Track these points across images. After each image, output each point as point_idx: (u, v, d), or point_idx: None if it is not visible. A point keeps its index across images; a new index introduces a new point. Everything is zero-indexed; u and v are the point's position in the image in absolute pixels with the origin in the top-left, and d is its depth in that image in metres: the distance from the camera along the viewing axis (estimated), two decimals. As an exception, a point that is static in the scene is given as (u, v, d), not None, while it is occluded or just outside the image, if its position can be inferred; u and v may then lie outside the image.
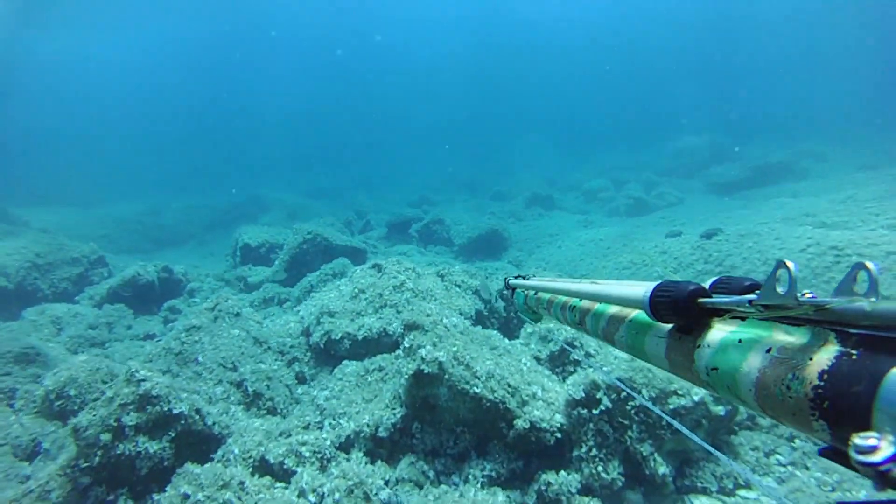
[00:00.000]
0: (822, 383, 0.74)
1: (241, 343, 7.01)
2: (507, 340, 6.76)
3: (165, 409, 4.91)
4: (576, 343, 6.33)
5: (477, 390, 4.98)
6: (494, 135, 63.04)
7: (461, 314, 7.54)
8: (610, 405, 4.97)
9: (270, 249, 14.91)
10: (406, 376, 5.27)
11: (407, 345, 5.51)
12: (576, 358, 6.28)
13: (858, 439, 0.63)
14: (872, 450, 0.61)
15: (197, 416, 5.15)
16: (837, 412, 0.71)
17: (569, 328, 3.70)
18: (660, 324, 1.20)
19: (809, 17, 56.27)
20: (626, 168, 30.53)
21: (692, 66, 69.67)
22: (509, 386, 5.14)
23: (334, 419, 5.61)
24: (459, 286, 8.08)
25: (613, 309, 1.48)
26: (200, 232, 29.03)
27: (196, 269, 18.08)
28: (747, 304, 0.94)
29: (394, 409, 5.42)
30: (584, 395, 5.05)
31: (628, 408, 4.95)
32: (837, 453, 0.73)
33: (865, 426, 0.66)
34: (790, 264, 0.84)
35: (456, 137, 65.83)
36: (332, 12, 78.04)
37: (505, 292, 2.96)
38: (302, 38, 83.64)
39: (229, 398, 6.06)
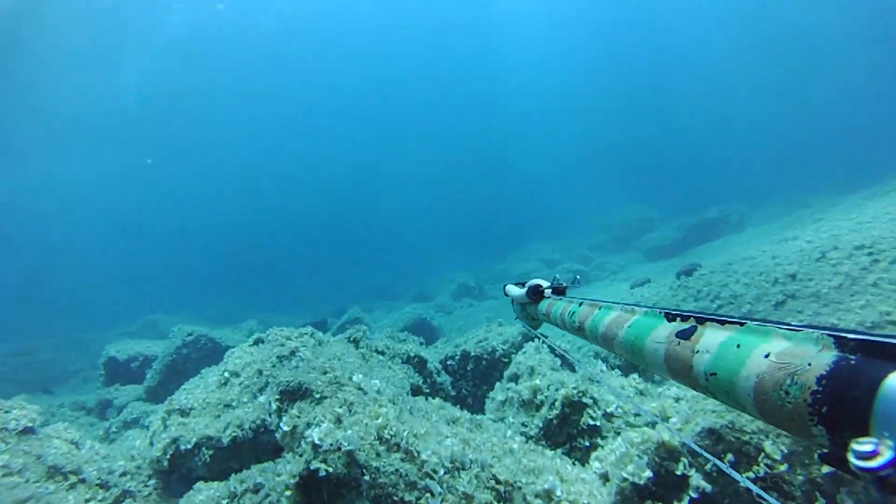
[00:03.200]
0: (820, 388, 0.74)
1: (7, 479, 3.96)
2: (467, 414, 4.16)
3: None
4: (585, 397, 3.82)
5: (434, 499, 2.33)
6: (407, 241, 61.74)
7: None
8: (709, 486, 2.44)
9: (145, 363, 11.60)
10: (286, 490, 2.55)
11: (286, 428, 2.83)
12: (591, 423, 3.73)
13: (857, 445, 0.63)
14: (871, 455, 0.61)
15: None
16: (836, 418, 0.71)
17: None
18: (658, 329, 1.23)
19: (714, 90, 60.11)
20: (553, 250, 29.23)
21: (602, 145, 72.47)
22: (497, 482, 2.51)
23: None
24: (383, 354, 5.43)
25: (612, 314, 1.51)
26: (86, 368, 24.61)
27: (61, 401, 14.43)
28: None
29: (266, 565, 2.61)
30: (652, 474, 2.50)
31: (752, 478, 2.43)
32: (837, 459, 0.73)
33: (864, 431, 0.66)
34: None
35: (365, 248, 64.17)
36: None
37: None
38: (193, 158, 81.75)
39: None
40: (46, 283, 57.12)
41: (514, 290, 2.74)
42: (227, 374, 5.04)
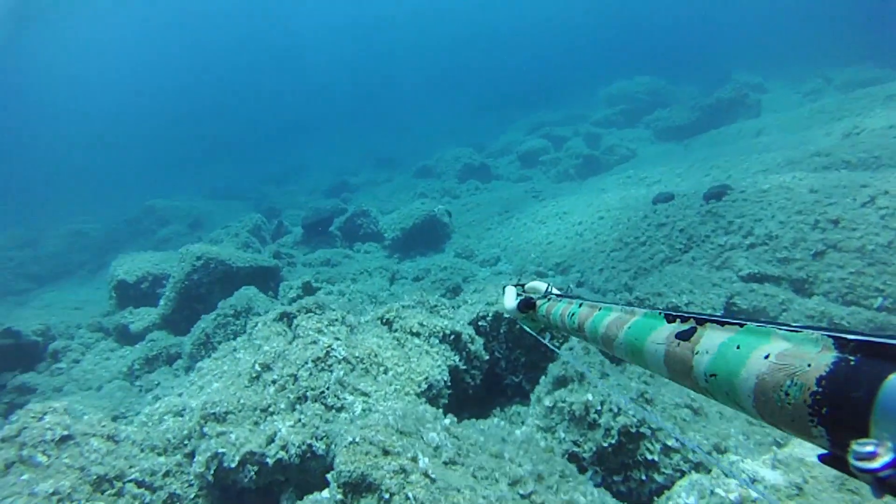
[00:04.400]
0: (820, 389, 0.74)
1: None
2: (517, 432, 4.07)
3: None
4: (644, 427, 3.71)
5: None
6: (408, 105, 59.88)
7: (429, 385, 4.75)
8: None
9: (155, 283, 11.51)
10: None
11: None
12: (649, 457, 3.65)
13: (857, 445, 0.64)
14: (871, 456, 0.62)
15: None
16: (836, 418, 0.72)
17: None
18: (658, 330, 1.24)
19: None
20: (558, 123, 28.14)
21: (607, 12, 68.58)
22: None
23: None
24: (418, 335, 5.24)
25: (612, 315, 1.51)
26: (92, 258, 24.76)
27: (76, 311, 14.60)
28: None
29: None
30: None
31: None
32: (837, 460, 0.74)
33: (864, 432, 0.66)
34: None
35: (366, 112, 62.31)
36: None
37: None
38: (185, 30, 76.72)
39: None
40: (34, 165, 55.81)
41: (509, 301, 2.69)
42: (258, 368, 4.88)
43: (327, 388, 4.37)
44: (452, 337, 5.40)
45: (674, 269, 7.47)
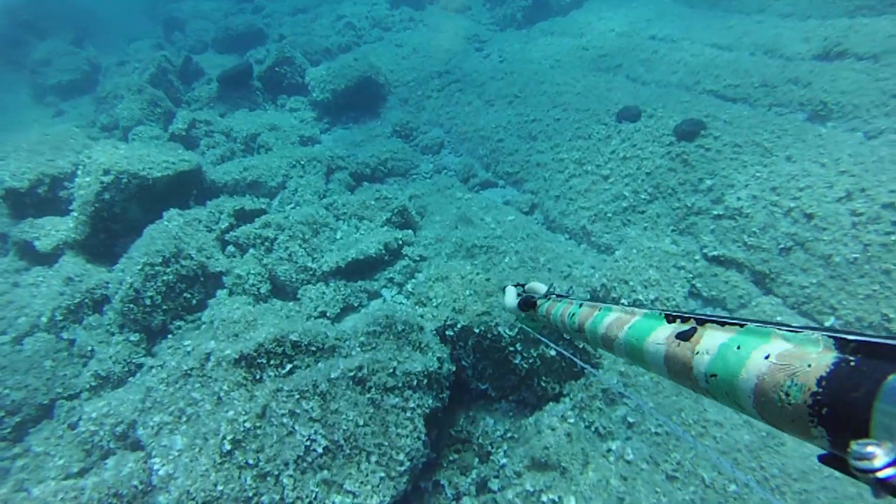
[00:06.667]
0: (820, 390, 0.75)
1: None
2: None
3: None
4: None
5: None
6: None
7: (411, 459, 4.66)
8: None
9: (55, 185, 9.97)
10: None
11: None
12: None
13: (856, 446, 0.64)
14: (870, 456, 0.62)
15: None
16: (836, 419, 0.72)
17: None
18: (658, 330, 1.22)
19: None
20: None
21: None
22: None
23: None
24: (393, 389, 4.97)
25: (612, 316, 1.50)
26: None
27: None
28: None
29: None
30: None
31: None
32: (836, 460, 0.75)
33: (864, 433, 0.66)
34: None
35: None
36: None
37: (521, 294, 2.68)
38: None
39: None
40: None
41: (510, 300, 2.74)
42: (227, 445, 4.55)
43: (315, 498, 4.20)
44: (426, 381, 5.21)
45: (636, 238, 7.21)
